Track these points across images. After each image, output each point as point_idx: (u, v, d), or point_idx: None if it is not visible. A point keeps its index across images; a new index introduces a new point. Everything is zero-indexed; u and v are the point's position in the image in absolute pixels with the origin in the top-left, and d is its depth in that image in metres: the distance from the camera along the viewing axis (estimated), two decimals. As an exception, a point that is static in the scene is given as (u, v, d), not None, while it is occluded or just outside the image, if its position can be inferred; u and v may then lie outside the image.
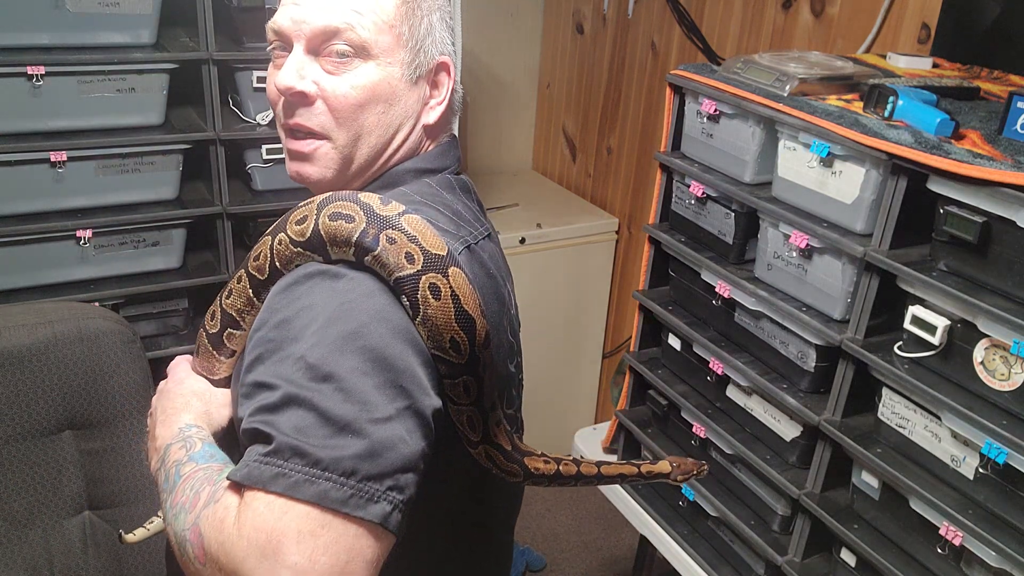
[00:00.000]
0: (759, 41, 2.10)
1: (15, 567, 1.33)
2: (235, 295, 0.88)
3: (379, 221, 0.76)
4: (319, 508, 0.66)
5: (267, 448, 0.68)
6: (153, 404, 0.95)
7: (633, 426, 1.71)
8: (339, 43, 0.87)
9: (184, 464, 0.80)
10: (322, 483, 0.67)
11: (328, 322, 0.74)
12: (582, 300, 2.72)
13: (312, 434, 0.68)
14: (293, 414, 0.70)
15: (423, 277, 0.76)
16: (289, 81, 0.87)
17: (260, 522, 0.66)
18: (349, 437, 0.69)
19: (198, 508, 0.72)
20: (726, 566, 1.55)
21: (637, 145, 2.60)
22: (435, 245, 0.77)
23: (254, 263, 0.85)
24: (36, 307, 1.38)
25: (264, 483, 0.67)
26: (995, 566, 1.09)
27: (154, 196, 1.86)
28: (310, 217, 0.79)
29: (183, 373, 0.96)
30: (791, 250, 1.33)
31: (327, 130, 0.90)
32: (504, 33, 2.90)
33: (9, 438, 1.32)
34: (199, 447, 0.82)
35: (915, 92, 1.22)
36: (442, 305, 0.76)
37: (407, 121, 0.94)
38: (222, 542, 0.67)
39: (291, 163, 0.93)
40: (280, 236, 0.81)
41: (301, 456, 0.67)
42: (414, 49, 0.91)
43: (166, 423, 0.88)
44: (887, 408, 1.25)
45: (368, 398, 0.71)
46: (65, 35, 1.68)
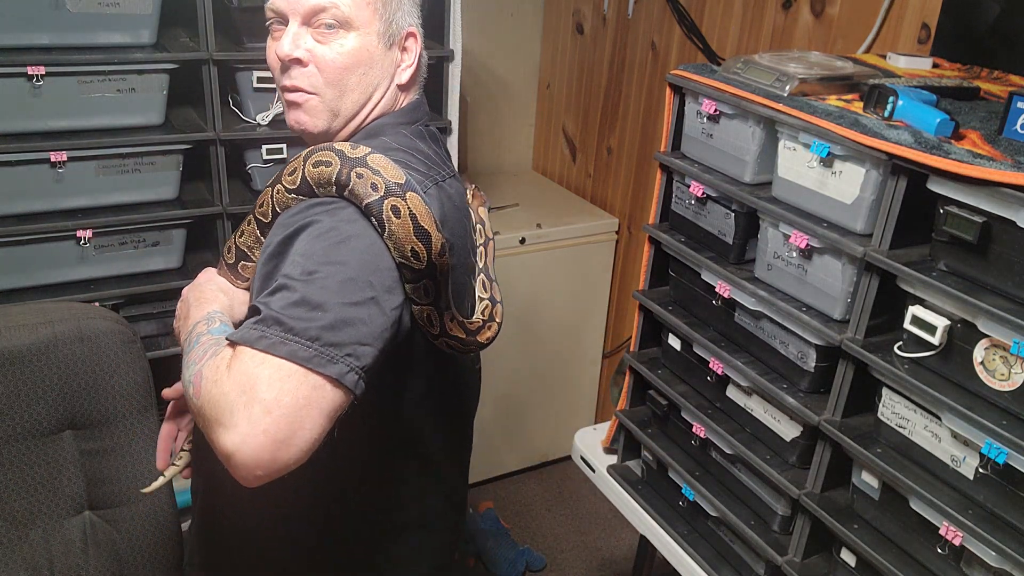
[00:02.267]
0: (759, 41, 2.10)
1: (15, 567, 1.33)
2: (246, 235, 1.10)
3: (350, 162, 0.98)
4: (289, 361, 0.85)
5: (257, 318, 0.88)
6: (184, 294, 1.13)
7: (633, 426, 1.71)
8: (326, 17, 1.07)
9: (204, 335, 0.99)
10: (292, 344, 0.86)
11: (319, 235, 0.95)
12: (582, 300, 2.72)
13: (292, 310, 0.88)
14: (282, 296, 0.90)
15: (385, 201, 0.96)
16: (287, 49, 1.07)
17: (244, 367, 0.85)
18: (319, 313, 0.88)
19: (204, 360, 0.91)
20: (726, 566, 1.55)
21: (637, 145, 2.60)
22: (395, 176, 0.98)
23: (259, 209, 1.07)
24: (36, 307, 1.38)
25: (250, 342, 0.86)
26: (995, 566, 1.09)
27: (154, 196, 1.86)
28: (299, 168, 1.01)
29: (211, 274, 1.16)
30: (791, 250, 1.34)
31: (317, 88, 1.10)
32: (504, 33, 2.90)
33: (9, 438, 1.32)
34: (217, 324, 1.02)
35: (915, 92, 1.22)
36: (402, 222, 0.96)
37: (383, 81, 1.14)
38: (215, 380, 0.86)
39: (290, 113, 1.13)
40: (278, 186, 1.03)
41: (280, 324, 0.87)
42: (387, 21, 1.11)
43: (199, 307, 1.07)
44: (887, 408, 1.25)
45: (340, 287, 0.91)
46: (65, 35, 1.68)
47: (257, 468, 0.83)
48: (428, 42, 2.07)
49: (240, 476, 0.84)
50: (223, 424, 0.83)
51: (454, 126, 2.12)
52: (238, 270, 1.13)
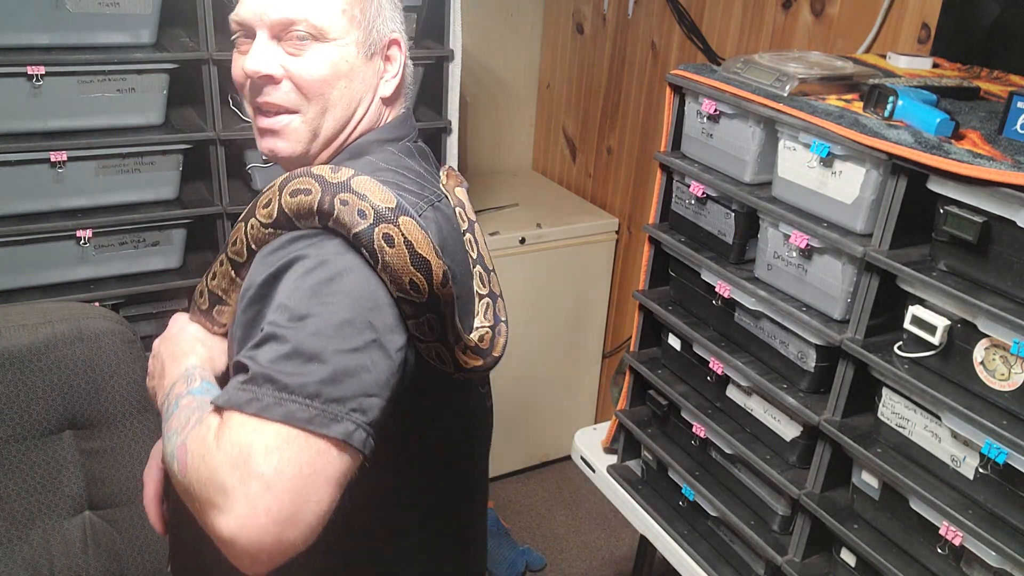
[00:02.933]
0: (759, 41, 2.10)
1: (15, 567, 1.33)
2: (219, 277, 0.99)
3: (332, 187, 0.86)
4: (286, 426, 0.75)
5: (245, 377, 0.78)
6: (156, 347, 1.04)
7: (633, 426, 1.71)
8: (298, 30, 0.96)
9: (183, 397, 0.90)
10: (289, 405, 0.75)
11: (305, 273, 0.84)
12: (582, 300, 2.72)
13: (284, 364, 0.78)
14: (270, 348, 0.79)
15: (376, 229, 0.84)
16: (256, 65, 0.96)
17: (235, 437, 0.75)
18: (315, 365, 0.78)
19: (187, 430, 0.82)
20: (726, 566, 1.55)
21: (637, 145, 2.60)
22: (384, 199, 0.86)
23: (232, 248, 0.95)
24: (36, 307, 1.38)
25: (240, 405, 0.76)
26: (995, 566, 1.09)
27: (154, 196, 1.86)
28: (274, 199, 0.89)
29: (184, 322, 1.05)
30: (791, 250, 1.34)
31: (296, 105, 0.99)
32: (504, 33, 2.90)
33: (9, 438, 1.32)
34: (198, 383, 0.92)
35: (915, 92, 1.22)
36: (397, 251, 0.85)
37: (366, 94, 1.03)
38: (203, 455, 0.76)
39: (263, 140, 1.02)
40: (251, 221, 0.92)
41: (272, 382, 0.76)
42: (367, 29, 1.01)
43: (174, 362, 0.97)
44: (887, 408, 1.25)
45: (336, 332, 0.80)
46: (65, 35, 1.68)
47: (261, 553, 0.73)
48: (428, 42, 2.09)
49: (242, 564, 0.74)
50: (217, 506, 0.73)
51: (454, 126, 2.12)
52: (213, 315, 1.01)
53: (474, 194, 2.88)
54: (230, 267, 0.97)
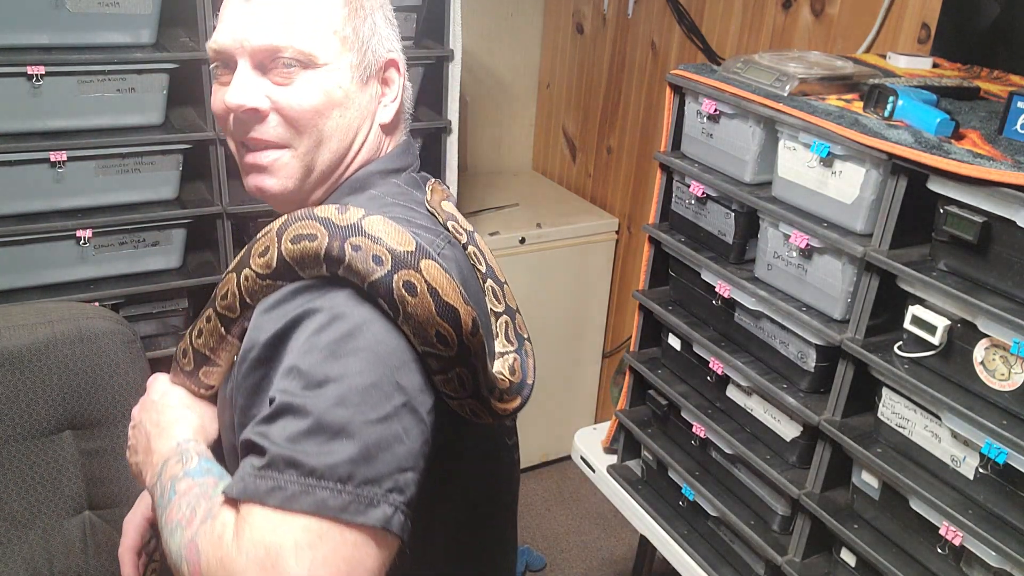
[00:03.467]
0: (759, 41, 2.10)
1: (15, 567, 1.33)
2: (206, 335, 0.87)
3: (340, 231, 0.76)
4: (317, 518, 0.65)
5: (261, 461, 0.68)
6: (137, 417, 0.93)
7: (633, 426, 1.71)
8: (283, 57, 0.87)
9: (180, 480, 0.79)
10: (318, 492, 0.66)
11: (318, 330, 0.74)
12: (582, 300, 2.72)
13: (306, 442, 0.68)
14: (286, 423, 0.69)
15: (395, 276, 0.75)
16: (239, 99, 0.87)
17: (258, 536, 0.65)
18: (343, 441, 0.68)
19: (195, 525, 0.72)
20: (726, 566, 1.55)
21: (637, 145, 2.60)
22: (401, 242, 0.76)
23: (222, 302, 0.84)
24: (36, 307, 1.38)
25: (260, 497, 0.66)
26: (995, 566, 1.09)
27: (154, 196, 1.86)
28: (272, 247, 0.79)
29: (165, 386, 0.95)
30: (791, 250, 1.33)
31: (287, 140, 0.89)
32: (504, 33, 2.90)
33: (9, 438, 1.32)
34: (195, 462, 0.82)
35: (915, 92, 1.22)
36: (420, 301, 0.75)
37: (364, 122, 0.94)
38: (220, 558, 0.67)
39: (250, 177, 0.93)
40: (245, 272, 0.81)
41: (295, 467, 0.67)
42: (361, 50, 0.91)
43: (162, 437, 0.87)
44: (887, 408, 1.25)
45: (362, 399, 0.70)
46: (65, 35, 1.68)
47: None
48: (428, 42, 2.09)
49: None
50: None
51: (454, 126, 2.12)
52: (199, 377, 0.91)
53: (474, 194, 2.88)
54: (219, 323, 0.86)
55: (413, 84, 1.03)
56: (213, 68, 0.92)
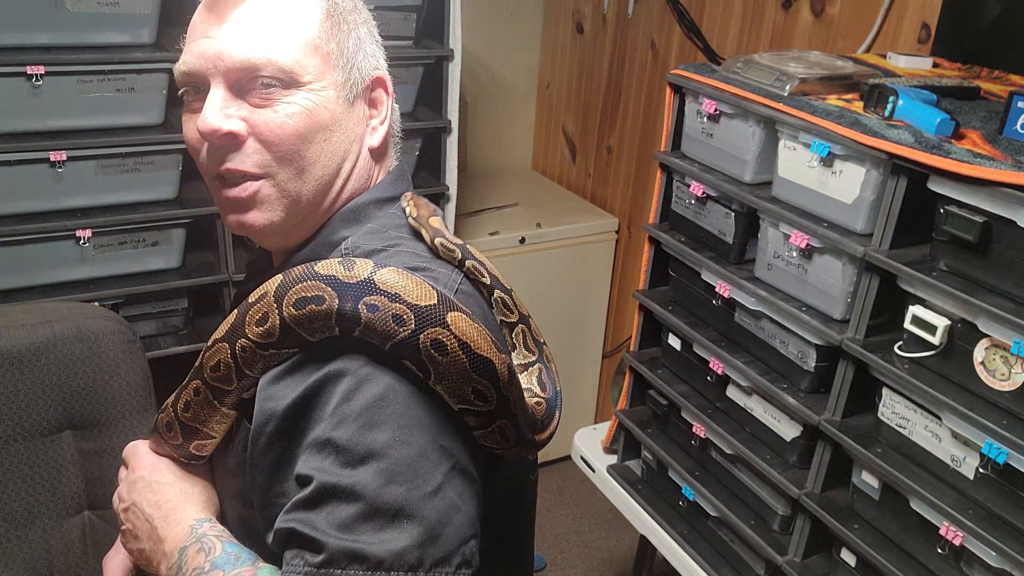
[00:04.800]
0: (759, 41, 2.09)
1: (15, 567, 1.33)
2: (195, 408, 0.80)
3: (351, 291, 0.70)
4: None
5: (319, 558, 0.63)
6: (127, 498, 0.86)
7: (633, 426, 1.71)
8: (262, 76, 0.79)
9: (208, 573, 0.73)
10: None
11: (346, 397, 0.69)
12: (582, 300, 2.72)
13: (363, 530, 0.63)
14: (334, 509, 0.64)
15: (421, 336, 0.68)
16: (214, 123, 0.78)
17: None
18: (404, 523, 0.64)
19: None
20: (726, 566, 1.55)
21: (637, 145, 2.60)
22: (421, 295, 0.69)
23: (213, 374, 0.77)
24: (36, 307, 1.38)
25: None
26: (995, 566, 1.09)
27: (154, 196, 1.86)
28: (271, 313, 0.72)
29: (152, 459, 0.88)
30: (791, 250, 1.33)
31: (265, 168, 0.81)
32: (504, 33, 2.90)
33: (9, 438, 1.32)
34: (219, 550, 0.75)
35: (915, 92, 1.22)
36: (452, 359, 0.69)
37: (352, 147, 0.86)
38: None
39: (230, 215, 0.84)
40: (240, 342, 0.74)
41: (360, 560, 0.62)
42: (346, 67, 0.83)
43: (169, 521, 0.80)
44: (887, 408, 1.25)
45: (412, 472, 0.66)
46: (65, 35, 1.68)
47: None
48: (428, 42, 2.09)
49: None
50: None
51: (454, 126, 2.12)
52: (189, 451, 0.84)
53: (474, 194, 2.88)
54: (210, 395, 0.78)
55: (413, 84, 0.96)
56: (181, 93, 0.84)
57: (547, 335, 2.96)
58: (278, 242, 0.89)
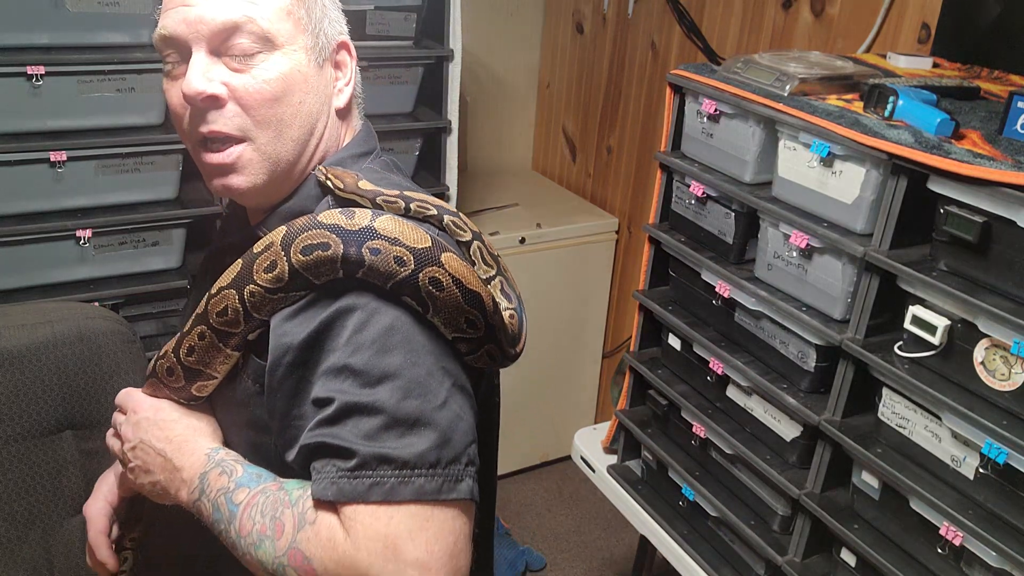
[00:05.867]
0: (759, 41, 2.10)
1: (15, 567, 1.33)
2: (199, 351, 0.87)
3: (355, 236, 0.78)
4: (419, 504, 0.72)
5: (351, 462, 0.73)
6: (132, 437, 0.91)
7: (633, 426, 1.71)
8: (241, 38, 0.84)
9: (234, 492, 0.81)
10: (415, 480, 0.72)
11: (358, 328, 0.77)
12: (582, 300, 2.72)
13: (386, 438, 0.73)
14: (357, 422, 0.74)
15: (420, 274, 0.78)
16: (198, 85, 0.83)
17: (372, 532, 0.71)
18: (421, 430, 0.74)
19: (289, 534, 0.75)
20: (726, 566, 1.55)
21: (637, 145, 2.60)
22: (419, 239, 0.79)
23: (219, 319, 0.84)
24: (36, 307, 1.38)
25: (361, 496, 0.72)
26: (995, 566, 1.09)
27: (154, 196, 1.86)
28: (279, 260, 0.79)
29: (152, 400, 0.93)
30: (791, 250, 1.33)
31: (245, 131, 0.86)
32: (504, 33, 2.90)
33: (9, 438, 1.32)
34: (241, 471, 0.83)
35: (915, 92, 1.22)
36: (448, 293, 0.79)
37: (323, 108, 0.92)
38: (339, 560, 0.72)
39: (214, 180, 0.89)
40: (250, 287, 0.81)
41: (387, 462, 0.72)
42: (314, 32, 0.89)
43: (183, 451, 0.87)
44: (887, 408, 1.25)
45: (424, 389, 0.76)
46: (65, 35, 1.68)
47: None
48: (428, 42, 2.09)
49: None
50: None
51: (454, 126, 2.12)
52: (191, 392, 0.90)
53: (474, 194, 2.88)
54: (216, 339, 0.85)
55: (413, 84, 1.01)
56: (164, 63, 0.88)
57: (547, 335, 2.97)
58: (259, 202, 0.94)
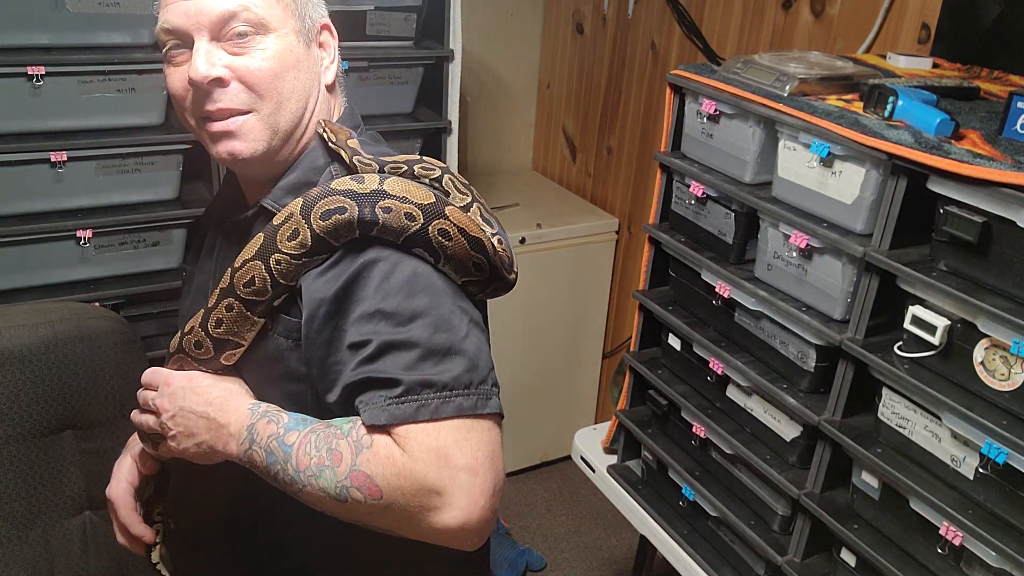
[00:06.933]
0: (759, 41, 2.09)
1: (15, 567, 1.33)
2: (228, 322, 0.95)
3: (368, 199, 0.88)
4: (460, 418, 0.83)
5: (397, 390, 0.83)
6: (169, 407, 0.97)
7: (633, 426, 1.71)
8: (238, 24, 0.93)
9: (285, 435, 0.89)
10: (455, 399, 0.83)
11: (384, 277, 0.88)
12: (582, 300, 2.71)
13: (424, 367, 0.84)
14: (396, 357, 0.84)
15: (430, 227, 0.88)
16: (204, 70, 0.92)
17: (424, 446, 0.82)
18: (454, 357, 0.85)
19: (348, 459, 0.84)
20: (726, 566, 1.55)
21: (637, 145, 2.60)
22: (424, 197, 0.89)
23: (247, 289, 0.93)
24: (36, 307, 1.38)
25: (411, 417, 0.82)
26: (995, 566, 1.09)
27: (154, 196, 1.86)
28: (300, 227, 0.89)
29: (181, 373, 1.00)
30: (791, 250, 1.33)
31: (249, 104, 0.95)
32: (504, 33, 2.90)
33: (9, 438, 1.32)
34: (286, 417, 0.91)
35: (915, 92, 1.22)
36: (455, 242, 0.89)
37: (314, 83, 1.01)
38: (398, 472, 0.82)
39: (219, 144, 0.97)
40: (275, 256, 0.91)
41: (429, 386, 0.83)
42: (300, 16, 0.98)
43: (225, 409, 0.94)
44: (887, 408, 1.25)
45: (449, 323, 0.87)
46: (65, 35, 1.68)
47: (485, 528, 0.83)
48: (428, 42, 2.09)
49: (468, 544, 0.84)
50: (436, 507, 0.81)
51: (454, 126, 2.12)
52: (219, 362, 0.99)
53: (474, 194, 2.86)
54: (244, 308, 0.94)
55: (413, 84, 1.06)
56: (165, 50, 0.96)
57: (547, 335, 2.97)
58: (259, 171, 1.01)
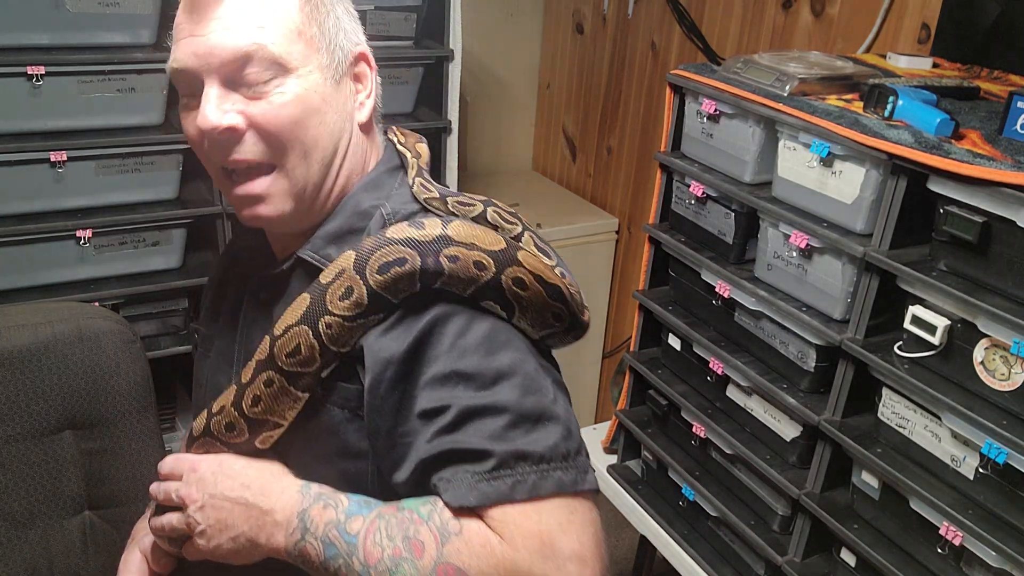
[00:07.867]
0: (759, 41, 2.09)
1: (15, 567, 1.33)
2: (267, 400, 0.83)
3: (431, 247, 0.77)
4: (561, 496, 0.73)
5: (488, 463, 0.73)
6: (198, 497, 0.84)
7: (633, 426, 1.71)
8: (253, 67, 0.81)
9: (347, 522, 0.77)
10: (553, 474, 0.73)
11: (459, 334, 0.77)
12: (582, 300, 2.72)
13: (514, 436, 0.73)
14: (482, 425, 0.74)
15: (503, 276, 0.78)
16: (214, 119, 0.81)
17: (526, 531, 0.71)
18: (547, 424, 0.75)
19: (432, 550, 0.73)
20: (726, 566, 1.55)
21: (637, 145, 2.60)
22: (493, 242, 0.79)
23: (290, 359, 0.80)
24: (36, 307, 1.38)
25: (507, 496, 0.72)
26: (995, 566, 1.09)
27: (154, 196, 1.86)
28: (355, 286, 0.78)
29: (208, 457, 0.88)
30: (791, 250, 1.33)
31: (269, 157, 0.84)
32: (504, 33, 2.90)
33: (9, 438, 1.32)
34: (346, 501, 0.79)
35: (915, 92, 1.22)
36: (532, 292, 0.79)
37: (345, 124, 0.89)
38: (497, 564, 0.71)
39: (243, 209, 0.87)
40: (326, 319, 0.79)
41: (525, 458, 0.73)
42: (329, 49, 0.86)
43: (269, 494, 0.81)
44: (887, 408, 1.25)
45: (537, 385, 0.77)
46: (65, 35, 1.68)
47: None
48: (428, 42, 2.09)
49: None
50: None
51: (454, 126, 2.12)
52: (254, 445, 0.86)
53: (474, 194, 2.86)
54: (285, 383, 0.82)
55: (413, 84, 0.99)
56: (182, 99, 0.87)
57: (547, 335, 2.87)
58: (287, 229, 0.91)
